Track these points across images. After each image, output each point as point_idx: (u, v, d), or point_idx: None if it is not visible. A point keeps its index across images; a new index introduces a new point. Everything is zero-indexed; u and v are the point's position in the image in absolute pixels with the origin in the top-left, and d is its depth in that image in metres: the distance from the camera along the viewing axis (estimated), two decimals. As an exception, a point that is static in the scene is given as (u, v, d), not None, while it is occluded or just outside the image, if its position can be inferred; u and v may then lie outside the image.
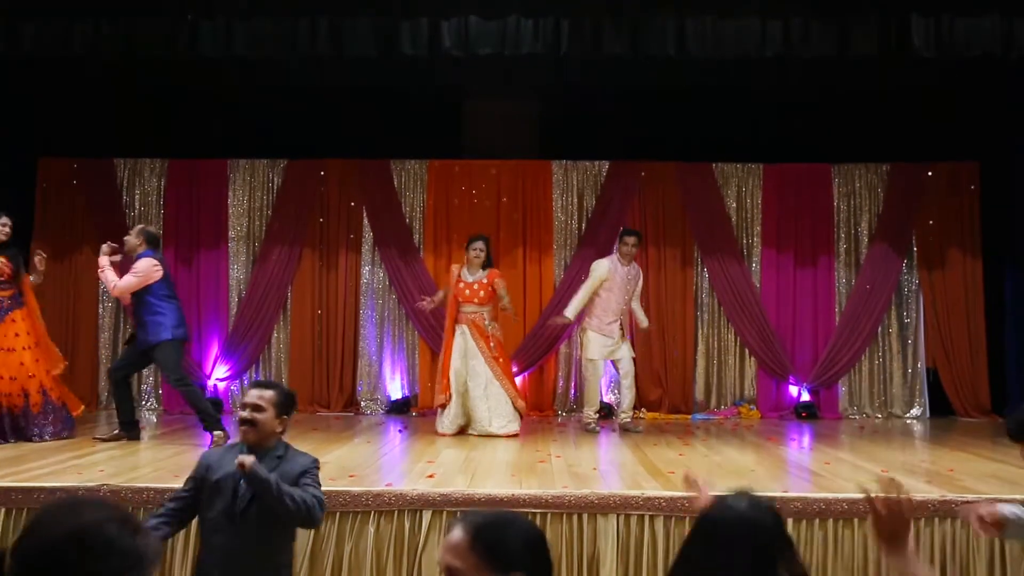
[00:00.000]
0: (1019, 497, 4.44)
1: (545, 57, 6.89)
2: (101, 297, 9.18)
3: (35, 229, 9.07)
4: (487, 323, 7.42)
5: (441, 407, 7.35)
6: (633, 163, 9.21)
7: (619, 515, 4.50)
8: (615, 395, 8.50)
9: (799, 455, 6.76)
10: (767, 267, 9.22)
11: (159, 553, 1.42)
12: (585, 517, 4.50)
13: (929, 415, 9.04)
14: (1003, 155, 8.97)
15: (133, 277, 6.43)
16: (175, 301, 6.64)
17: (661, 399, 9.06)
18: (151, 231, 6.78)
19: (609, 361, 7.89)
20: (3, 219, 6.51)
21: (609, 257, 7.87)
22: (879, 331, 9.18)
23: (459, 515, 1.87)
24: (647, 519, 4.49)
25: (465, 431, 7.26)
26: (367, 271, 9.28)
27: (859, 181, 9.29)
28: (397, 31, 6.76)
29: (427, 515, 4.49)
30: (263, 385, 3.38)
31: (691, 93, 8.57)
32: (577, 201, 9.30)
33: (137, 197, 9.29)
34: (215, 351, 9.13)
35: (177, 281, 9.08)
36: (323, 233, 9.27)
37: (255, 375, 9.22)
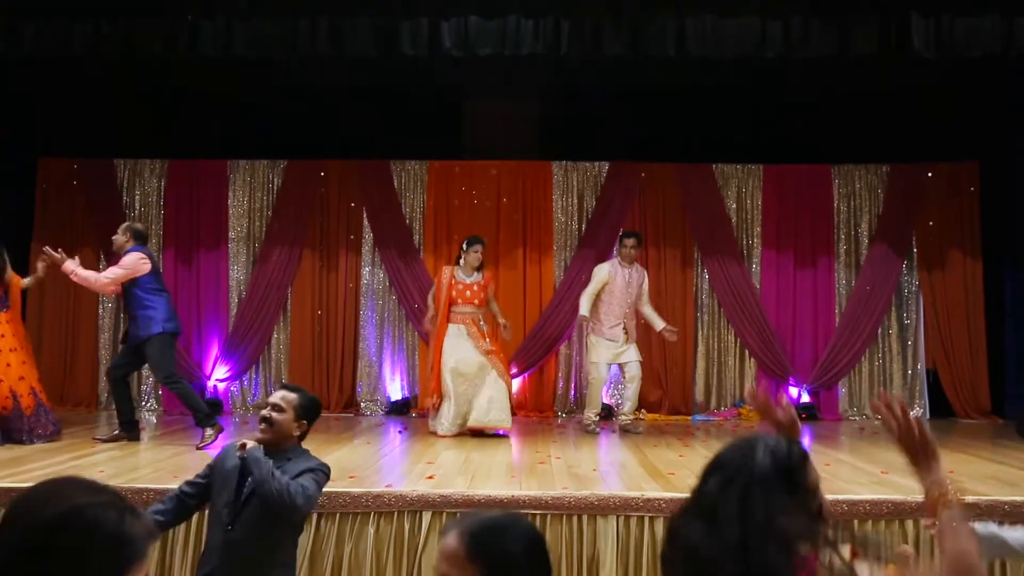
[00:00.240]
0: (1018, 499, 4.45)
1: (545, 57, 6.88)
2: (101, 297, 9.16)
3: (35, 229, 9.07)
4: (480, 322, 7.46)
5: (434, 408, 7.33)
6: (633, 164, 9.21)
7: (619, 516, 4.49)
8: (615, 397, 8.50)
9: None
10: (767, 268, 9.22)
11: (153, 534, 1.36)
12: (585, 518, 4.49)
13: (929, 416, 9.03)
14: (1003, 155, 8.97)
15: (119, 269, 6.39)
16: (165, 294, 6.60)
17: (661, 400, 9.05)
18: (138, 227, 6.72)
19: (615, 365, 7.89)
20: None
21: (610, 261, 7.89)
22: (879, 332, 9.18)
23: (456, 518, 1.77)
24: (647, 520, 4.49)
25: (462, 431, 7.24)
26: (367, 272, 9.28)
27: (859, 182, 9.29)
28: (397, 31, 6.75)
29: (427, 516, 4.48)
30: (289, 388, 3.41)
31: (691, 93, 8.57)
32: (577, 202, 9.30)
33: (137, 197, 9.29)
34: (215, 352, 9.13)
35: (177, 281, 9.12)
36: (323, 234, 9.27)
37: (255, 376, 9.22)
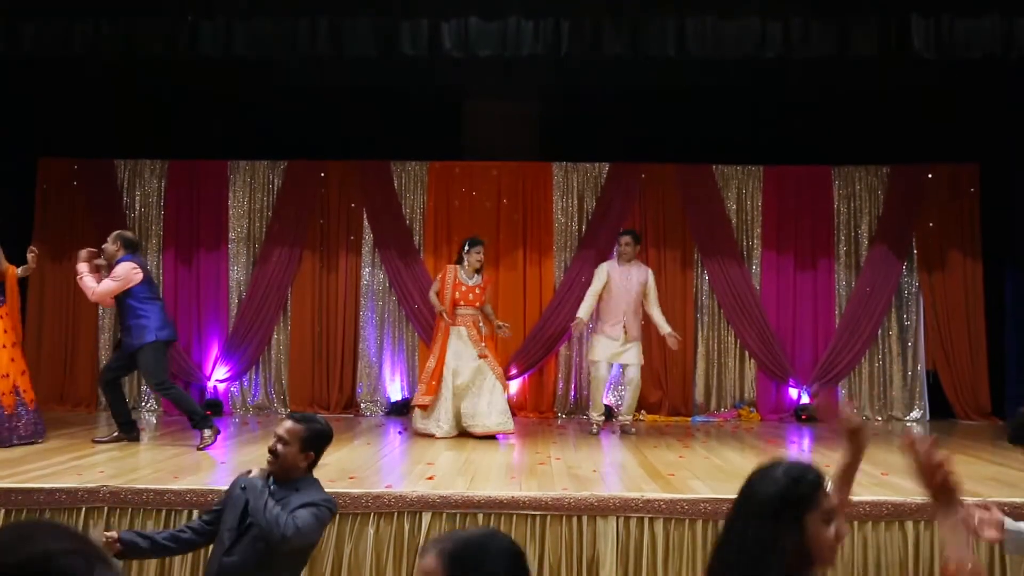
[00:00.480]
0: (1018, 500, 4.44)
1: (545, 58, 6.88)
2: (101, 298, 9.18)
3: (35, 229, 9.07)
4: (480, 324, 7.47)
5: (422, 408, 7.29)
6: (633, 165, 9.21)
7: (619, 517, 4.49)
8: (615, 397, 8.50)
9: (799, 457, 6.74)
10: (767, 269, 9.21)
11: None
12: (585, 519, 4.49)
13: (929, 418, 9.03)
14: (1003, 157, 8.96)
15: (112, 282, 6.35)
16: (158, 302, 6.58)
17: (661, 401, 9.05)
18: (128, 236, 6.70)
19: (617, 365, 7.90)
20: None
21: (609, 261, 7.91)
22: (879, 333, 9.17)
23: (434, 538, 1.75)
24: (647, 521, 4.49)
25: (463, 433, 7.24)
26: (367, 272, 9.27)
27: (859, 183, 9.28)
28: (397, 31, 6.75)
29: (427, 517, 4.48)
30: (296, 418, 3.32)
31: (691, 93, 8.57)
32: (577, 203, 9.30)
33: (137, 198, 9.29)
34: (215, 352, 9.13)
35: (177, 282, 9.12)
36: (323, 234, 9.27)
37: (255, 376, 9.22)
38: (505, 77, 8.15)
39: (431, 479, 5.11)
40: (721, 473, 5.48)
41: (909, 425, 8.83)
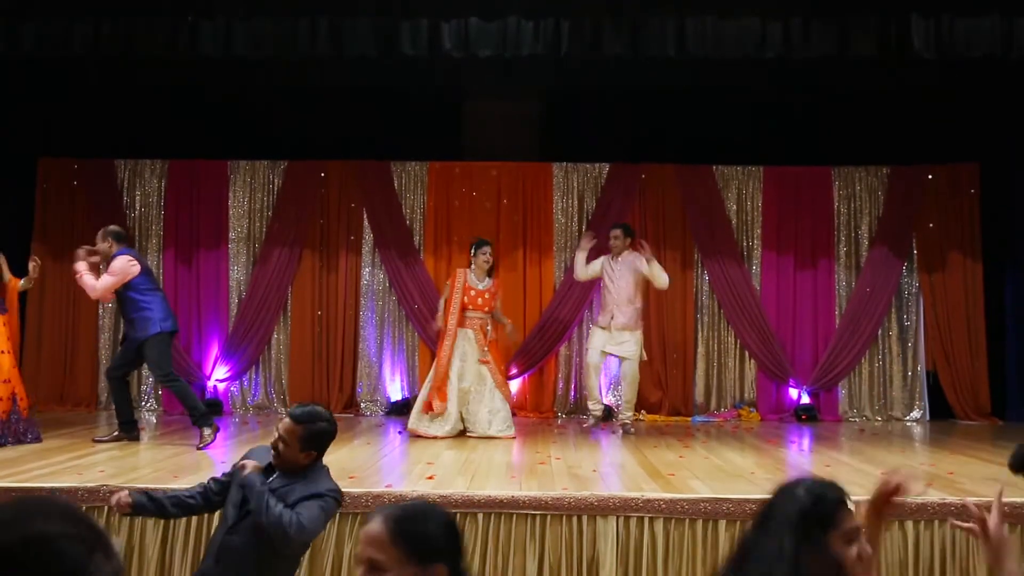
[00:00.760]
0: (1018, 500, 4.43)
1: (545, 58, 6.88)
2: (101, 298, 9.18)
3: (35, 229, 9.08)
4: (487, 328, 7.48)
5: (431, 411, 7.20)
6: (633, 165, 9.21)
7: (619, 517, 4.49)
8: (615, 396, 8.51)
9: (799, 458, 6.76)
10: (767, 269, 9.21)
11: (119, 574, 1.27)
12: (585, 519, 4.49)
13: (929, 418, 9.03)
14: (1003, 156, 8.97)
15: (110, 277, 6.35)
16: (159, 293, 6.60)
17: (661, 401, 9.05)
18: (117, 230, 6.67)
19: (614, 358, 7.97)
20: None
21: (605, 255, 7.92)
22: (879, 334, 9.17)
23: (378, 508, 1.87)
24: (647, 521, 4.48)
25: (463, 433, 7.24)
26: (367, 272, 9.27)
27: (859, 184, 9.28)
28: (397, 31, 6.75)
29: (426, 516, 4.47)
30: (296, 417, 3.21)
31: (691, 93, 8.57)
32: (577, 203, 9.30)
33: (137, 198, 9.29)
34: (215, 352, 9.13)
35: (177, 281, 9.12)
36: (323, 234, 9.27)
37: (255, 376, 9.22)
38: (505, 77, 8.14)
39: (431, 479, 5.11)
40: (721, 473, 5.48)
41: (909, 426, 8.83)
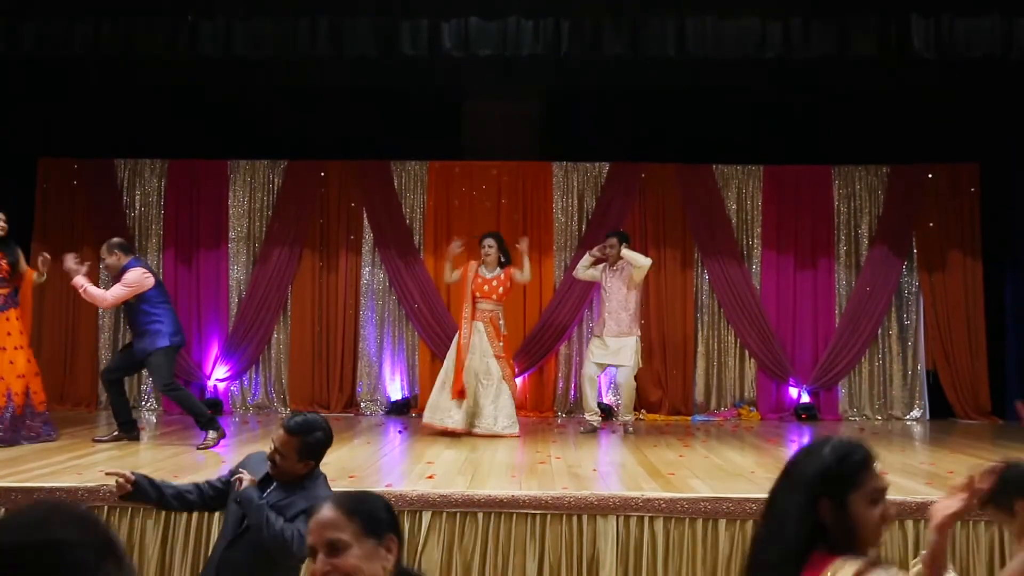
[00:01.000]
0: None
1: (545, 58, 6.88)
2: (101, 297, 9.18)
3: (35, 229, 9.07)
4: (500, 322, 7.50)
5: (461, 396, 7.21)
6: (633, 165, 9.21)
7: (619, 516, 4.49)
8: (615, 396, 8.51)
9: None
10: (767, 269, 9.21)
11: None
12: (585, 518, 4.49)
13: (929, 417, 9.03)
14: (1003, 156, 8.97)
15: (123, 288, 6.33)
16: (170, 306, 6.58)
17: (661, 400, 9.05)
18: (122, 242, 6.65)
19: (612, 368, 8.00)
20: None
21: (603, 264, 7.85)
22: (879, 333, 9.17)
23: (324, 500, 2.03)
24: (647, 520, 4.49)
25: (470, 431, 7.24)
26: (367, 272, 9.28)
27: (859, 183, 9.28)
28: (397, 31, 6.75)
29: (427, 516, 4.48)
30: (291, 429, 3.17)
31: (691, 93, 8.57)
32: (577, 203, 9.30)
33: (137, 197, 9.29)
34: (215, 352, 9.13)
35: (177, 281, 9.11)
36: (323, 234, 9.27)
37: (255, 376, 9.22)
38: (505, 77, 8.15)
39: (431, 478, 5.11)
40: (721, 472, 5.48)
41: (909, 425, 8.84)
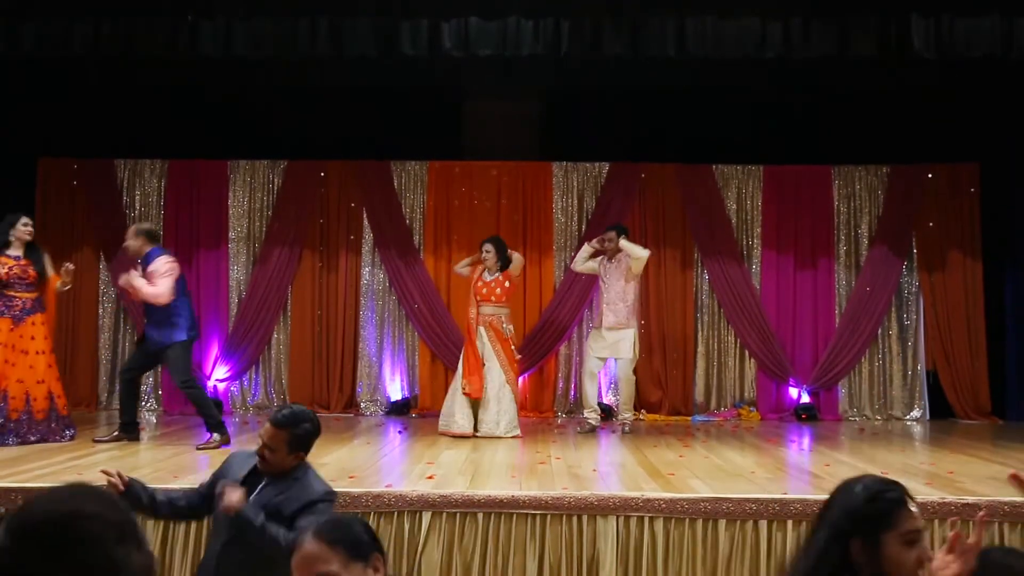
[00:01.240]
0: (1018, 499, 4.43)
1: (545, 58, 6.88)
2: (101, 298, 9.19)
3: (35, 229, 9.04)
4: (503, 325, 7.48)
5: (476, 397, 7.26)
6: (633, 165, 9.21)
7: (619, 517, 4.49)
8: (615, 396, 8.51)
9: (799, 457, 6.75)
10: (767, 269, 9.22)
11: (148, 569, 1.30)
12: (585, 518, 4.49)
13: (929, 417, 9.03)
14: (1003, 156, 8.97)
15: (167, 278, 6.33)
16: (189, 299, 6.63)
17: (661, 401, 9.05)
18: (150, 228, 6.68)
19: (612, 360, 7.96)
20: (25, 220, 6.50)
21: (602, 256, 7.87)
22: (879, 333, 9.17)
23: (304, 532, 2.04)
24: (647, 521, 4.48)
25: (472, 434, 7.24)
26: (367, 272, 9.28)
27: (859, 183, 9.29)
28: (397, 31, 6.75)
29: (427, 516, 4.48)
30: (277, 422, 3.18)
31: (691, 93, 8.57)
32: (577, 203, 9.30)
33: (137, 197, 9.29)
34: (215, 352, 9.13)
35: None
36: (323, 234, 9.27)
37: (255, 376, 9.22)
38: (505, 77, 8.15)
39: (431, 478, 5.11)
40: (721, 472, 5.48)
41: (909, 425, 8.83)
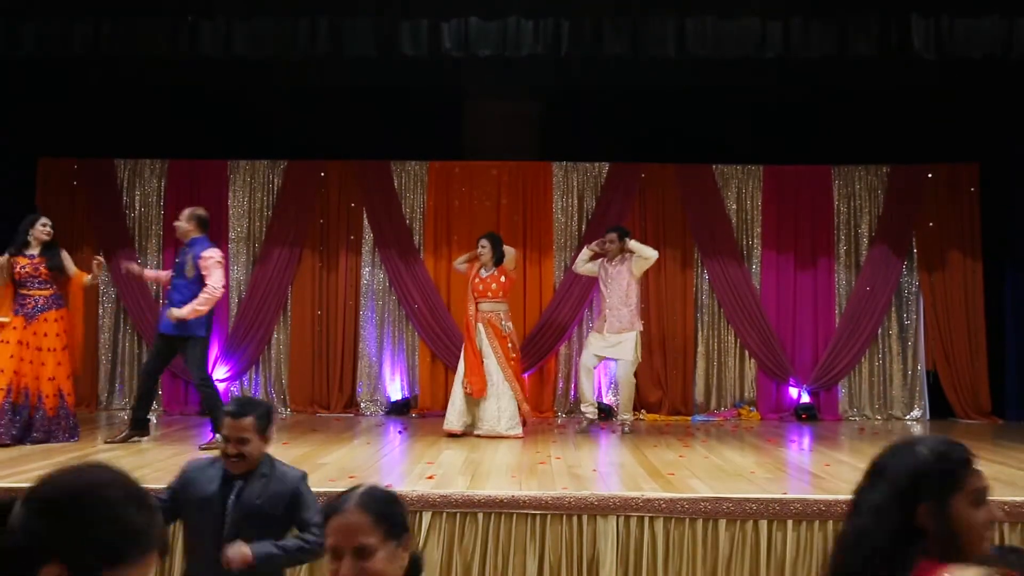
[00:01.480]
0: (1018, 499, 4.43)
1: (545, 58, 6.88)
2: (101, 297, 9.18)
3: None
4: (502, 322, 7.47)
5: (479, 395, 7.27)
6: (633, 165, 9.21)
7: (619, 516, 4.49)
8: (615, 396, 8.51)
9: (799, 457, 6.75)
10: (767, 269, 9.22)
11: (163, 535, 1.37)
12: (585, 518, 4.50)
13: (929, 417, 9.03)
14: (1003, 156, 8.97)
15: (221, 269, 6.42)
16: None
17: (661, 401, 9.05)
18: (203, 215, 6.67)
19: (610, 361, 7.97)
20: (43, 220, 6.57)
21: (602, 259, 7.86)
22: (879, 333, 9.17)
23: (347, 496, 2.00)
24: (647, 520, 4.49)
25: (470, 432, 7.25)
26: (367, 272, 9.28)
27: (859, 183, 9.29)
28: (397, 31, 6.75)
29: (427, 516, 4.48)
30: (239, 414, 3.13)
31: (691, 93, 8.57)
32: (577, 203, 9.30)
33: (137, 197, 9.29)
34: (215, 352, 9.10)
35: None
36: (323, 234, 9.28)
37: (255, 376, 9.22)
38: (505, 77, 8.14)
39: (431, 478, 5.11)
40: (721, 472, 5.48)
41: (909, 425, 8.84)
